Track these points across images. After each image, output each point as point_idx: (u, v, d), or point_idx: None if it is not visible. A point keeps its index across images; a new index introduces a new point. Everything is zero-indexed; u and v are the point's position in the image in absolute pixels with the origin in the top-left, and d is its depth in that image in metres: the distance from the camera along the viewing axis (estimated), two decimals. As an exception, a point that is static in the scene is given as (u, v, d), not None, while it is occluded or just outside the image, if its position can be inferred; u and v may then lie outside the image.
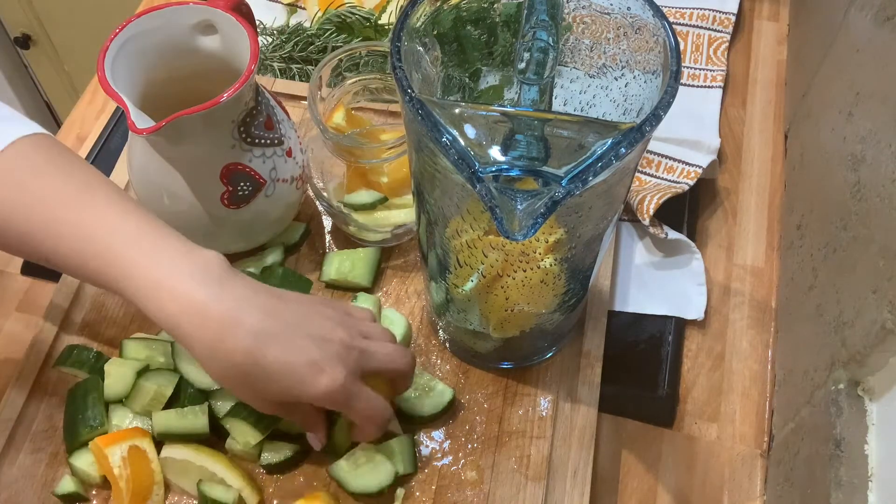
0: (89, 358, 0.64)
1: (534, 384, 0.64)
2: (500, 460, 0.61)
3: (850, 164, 0.56)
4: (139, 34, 0.60)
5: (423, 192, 0.51)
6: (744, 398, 0.67)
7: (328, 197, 0.67)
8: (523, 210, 0.39)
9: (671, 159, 0.77)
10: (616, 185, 0.47)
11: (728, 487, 0.63)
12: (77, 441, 0.61)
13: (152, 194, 0.64)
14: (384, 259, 0.71)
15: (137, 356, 0.64)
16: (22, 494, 0.61)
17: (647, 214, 0.71)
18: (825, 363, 0.54)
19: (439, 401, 0.62)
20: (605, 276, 0.69)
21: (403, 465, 0.60)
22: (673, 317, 0.70)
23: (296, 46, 0.83)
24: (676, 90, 0.42)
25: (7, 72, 1.57)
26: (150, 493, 0.59)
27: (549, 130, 0.46)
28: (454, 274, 0.55)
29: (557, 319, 0.59)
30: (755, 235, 0.75)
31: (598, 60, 0.50)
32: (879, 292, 0.47)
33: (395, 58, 0.43)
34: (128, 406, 0.62)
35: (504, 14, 0.56)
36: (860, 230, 0.52)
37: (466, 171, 0.40)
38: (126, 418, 0.62)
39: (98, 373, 0.63)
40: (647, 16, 0.45)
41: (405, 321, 0.66)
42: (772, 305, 0.71)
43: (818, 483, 0.51)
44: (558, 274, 0.52)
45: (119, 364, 0.62)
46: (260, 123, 0.62)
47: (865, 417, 0.49)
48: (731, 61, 0.85)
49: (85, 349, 0.65)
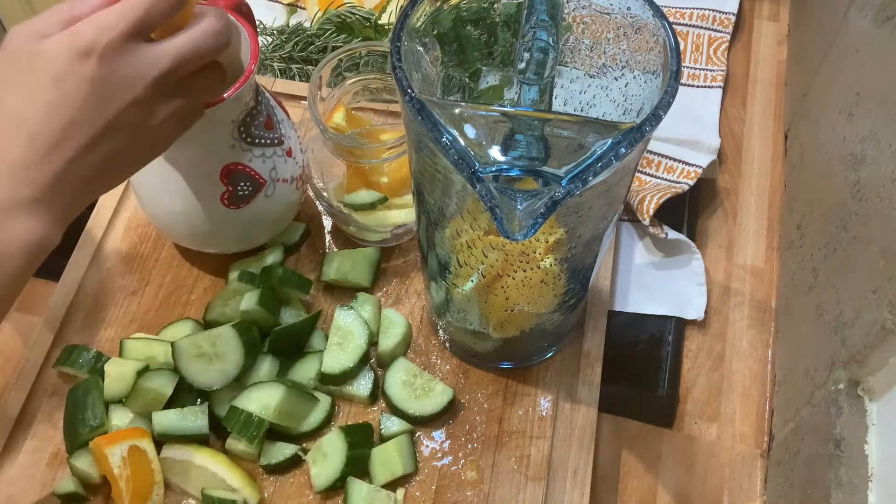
0: (89, 358, 0.64)
1: (534, 384, 0.64)
2: (500, 460, 0.61)
3: (850, 164, 0.56)
4: (139, 34, 0.60)
5: (423, 192, 0.51)
6: (744, 398, 0.67)
7: (328, 197, 0.67)
8: (523, 210, 0.39)
9: (671, 159, 0.77)
10: (616, 185, 0.47)
11: (728, 487, 0.63)
12: (77, 441, 0.61)
13: (152, 194, 0.64)
14: (384, 259, 0.71)
15: (137, 356, 0.64)
16: (22, 494, 0.61)
17: (647, 214, 0.71)
18: (825, 363, 0.54)
19: (439, 401, 0.62)
20: (605, 276, 0.69)
21: (403, 465, 0.60)
22: (673, 317, 0.70)
23: (296, 46, 0.83)
24: (676, 90, 0.42)
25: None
26: (151, 493, 0.59)
27: (549, 130, 0.46)
28: (454, 274, 0.55)
29: (557, 319, 0.59)
30: (755, 235, 0.75)
31: (598, 60, 0.50)
32: (879, 292, 0.47)
33: (395, 58, 0.43)
34: (128, 406, 0.62)
35: (504, 14, 0.56)
36: (860, 230, 0.52)
37: (466, 171, 0.40)
38: (126, 418, 0.62)
39: (98, 373, 0.63)
40: (647, 16, 0.45)
41: (405, 321, 0.66)
42: (772, 305, 0.71)
43: (818, 483, 0.51)
44: (558, 274, 0.52)
45: (119, 364, 0.62)
46: (260, 123, 0.62)
47: (865, 417, 0.49)
48: (731, 61, 0.85)
49: (85, 349, 0.65)
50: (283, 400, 0.60)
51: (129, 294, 0.70)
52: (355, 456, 0.60)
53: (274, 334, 0.64)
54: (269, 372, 0.63)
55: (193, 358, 0.61)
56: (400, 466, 0.60)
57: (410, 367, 0.64)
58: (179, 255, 0.71)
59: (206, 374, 0.61)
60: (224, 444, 0.61)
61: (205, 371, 0.61)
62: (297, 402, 0.61)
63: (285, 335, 0.64)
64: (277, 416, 0.60)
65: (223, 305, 0.66)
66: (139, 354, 0.64)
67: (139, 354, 0.64)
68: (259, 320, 0.64)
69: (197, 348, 0.61)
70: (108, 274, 0.71)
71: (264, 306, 0.63)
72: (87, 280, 0.70)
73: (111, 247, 0.72)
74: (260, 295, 0.63)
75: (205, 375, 0.61)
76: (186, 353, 0.61)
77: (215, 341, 0.61)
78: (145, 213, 0.67)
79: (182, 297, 0.69)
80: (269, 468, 0.61)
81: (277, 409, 0.60)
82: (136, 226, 0.73)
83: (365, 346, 0.64)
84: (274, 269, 0.66)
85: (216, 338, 0.61)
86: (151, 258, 0.71)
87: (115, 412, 0.62)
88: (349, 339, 0.64)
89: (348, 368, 0.62)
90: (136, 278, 0.70)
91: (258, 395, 0.60)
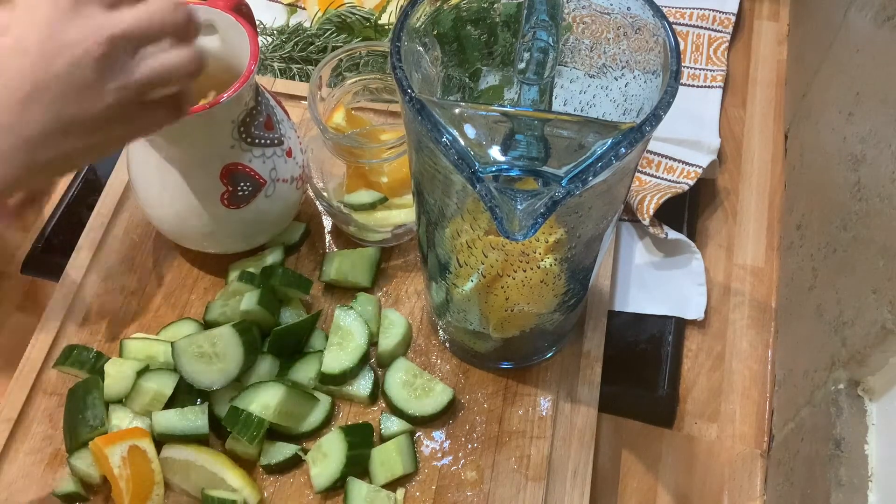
0: (89, 358, 0.64)
1: (534, 384, 0.64)
2: (500, 460, 0.61)
3: (850, 164, 0.56)
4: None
5: (423, 192, 0.51)
6: (744, 398, 0.67)
7: (328, 197, 0.67)
8: (523, 210, 0.39)
9: (671, 159, 0.77)
10: (616, 185, 0.47)
11: (728, 487, 0.63)
12: (77, 441, 0.61)
13: (152, 194, 0.64)
14: (384, 259, 0.71)
15: (137, 356, 0.64)
16: (22, 494, 0.61)
17: (647, 214, 0.71)
18: (825, 363, 0.54)
19: (439, 401, 0.62)
20: (605, 276, 0.69)
21: (403, 465, 0.60)
22: (673, 317, 0.70)
23: (296, 46, 0.83)
24: (676, 90, 0.42)
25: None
26: (151, 493, 0.59)
27: (549, 130, 0.46)
28: (454, 274, 0.55)
29: (557, 319, 0.59)
30: (755, 235, 0.75)
31: (598, 60, 0.50)
32: (879, 292, 0.47)
33: (395, 58, 0.43)
34: (128, 406, 0.62)
35: (504, 14, 0.56)
36: (860, 230, 0.52)
37: (466, 171, 0.39)
38: (126, 418, 0.62)
39: (98, 373, 0.63)
40: (647, 16, 0.45)
41: (405, 321, 0.66)
42: (772, 305, 0.71)
43: (818, 483, 0.51)
44: (558, 274, 0.52)
45: (119, 364, 0.62)
46: (260, 123, 0.62)
47: (865, 417, 0.49)
48: (731, 61, 0.85)
49: (85, 349, 0.65)
50: (283, 400, 0.60)
51: (129, 294, 0.70)
52: (355, 456, 0.60)
53: (274, 334, 0.64)
54: (269, 372, 0.63)
55: (194, 358, 0.61)
56: (400, 466, 0.60)
57: (410, 367, 0.64)
58: (179, 255, 0.71)
59: (207, 374, 0.61)
60: (224, 444, 0.61)
61: (205, 371, 0.61)
62: (297, 403, 0.61)
63: (285, 335, 0.64)
64: (278, 417, 0.60)
65: (223, 305, 0.66)
66: (139, 354, 0.64)
67: (139, 354, 0.64)
68: (259, 320, 0.64)
69: (197, 348, 0.61)
70: (108, 274, 0.71)
71: (264, 306, 0.63)
72: (87, 280, 0.70)
73: (111, 247, 0.72)
74: (260, 295, 0.63)
75: (205, 375, 0.61)
76: (186, 353, 0.61)
77: (215, 341, 0.61)
78: (145, 213, 0.67)
79: (182, 298, 0.69)
80: (269, 468, 0.61)
81: (278, 409, 0.60)
82: (136, 226, 0.73)
83: (365, 346, 0.64)
84: (274, 269, 0.66)
85: (216, 338, 0.61)
86: (151, 258, 0.71)
87: (115, 412, 0.62)
88: (349, 339, 0.64)
89: (348, 368, 0.62)
90: (136, 278, 0.70)
91: (258, 395, 0.60)
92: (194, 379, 0.61)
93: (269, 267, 0.67)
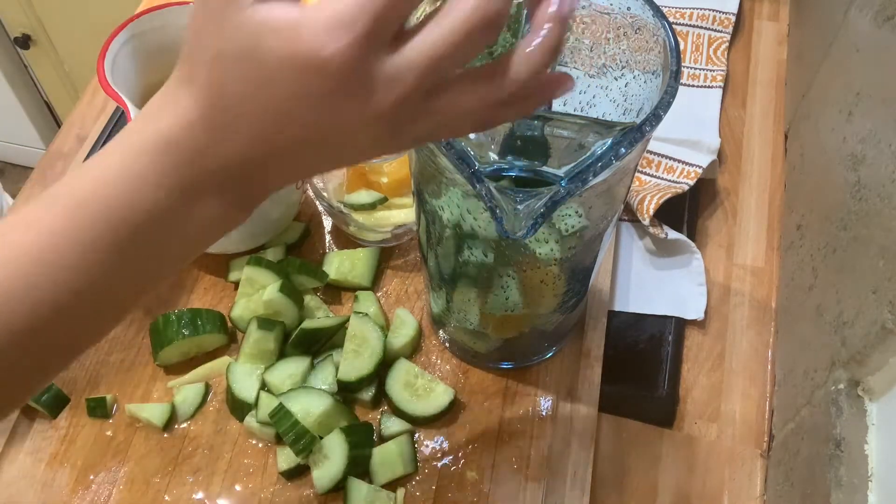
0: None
1: (534, 384, 0.64)
2: (500, 460, 0.61)
3: (850, 164, 0.56)
4: (139, 34, 0.60)
5: (423, 192, 0.51)
6: (744, 398, 0.67)
7: (328, 197, 0.67)
8: (523, 210, 0.39)
9: (671, 159, 0.77)
10: (616, 185, 0.47)
11: (728, 487, 0.63)
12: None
13: (152, 194, 0.63)
14: (384, 259, 0.71)
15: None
16: (22, 494, 0.61)
17: (647, 214, 0.71)
18: (825, 363, 0.54)
19: (440, 401, 0.62)
20: (605, 276, 0.69)
21: (403, 465, 0.60)
22: (673, 317, 0.70)
23: (296, 46, 0.83)
24: (676, 90, 0.42)
25: (7, 72, 1.57)
26: None
27: (549, 130, 0.46)
28: (454, 274, 0.55)
29: (557, 320, 0.59)
30: (755, 235, 0.75)
31: (598, 60, 0.50)
32: (879, 292, 0.47)
33: (395, 58, 0.43)
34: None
35: (504, 14, 0.56)
36: (860, 230, 0.52)
37: (466, 171, 0.39)
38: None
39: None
40: (647, 16, 0.45)
41: (416, 323, 0.66)
42: (772, 305, 0.71)
43: (818, 483, 0.51)
44: (558, 274, 0.52)
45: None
46: (260, 123, 0.62)
47: (865, 417, 0.49)
48: (731, 61, 0.85)
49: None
50: (325, 412, 0.60)
51: (129, 294, 0.70)
52: (356, 456, 0.59)
53: (301, 331, 0.64)
54: (300, 371, 0.63)
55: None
56: (400, 466, 0.60)
57: (411, 367, 0.64)
58: (179, 255, 0.71)
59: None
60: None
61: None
62: (335, 416, 0.61)
63: (312, 334, 0.64)
64: (316, 427, 0.59)
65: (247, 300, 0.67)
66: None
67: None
68: (282, 311, 0.64)
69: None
70: (108, 274, 0.70)
71: (287, 294, 0.64)
72: (87, 280, 0.70)
73: (111, 247, 0.72)
74: (281, 285, 0.64)
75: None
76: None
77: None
78: (145, 214, 0.67)
79: (182, 298, 0.69)
80: (287, 474, 0.61)
81: (318, 419, 0.59)
82: (136, 226, 0.73)
83: (381, 353, 0.63)
84: (291, 260, 0.67)
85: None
86: (151, 258, 0.71)
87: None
88: (365, 346, 0.63)
89: (365, 376, 0.62)
90: (136, 278, 0.70)
91: (303, 399, 0.60)
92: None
93: (285, 258, 0.68)
